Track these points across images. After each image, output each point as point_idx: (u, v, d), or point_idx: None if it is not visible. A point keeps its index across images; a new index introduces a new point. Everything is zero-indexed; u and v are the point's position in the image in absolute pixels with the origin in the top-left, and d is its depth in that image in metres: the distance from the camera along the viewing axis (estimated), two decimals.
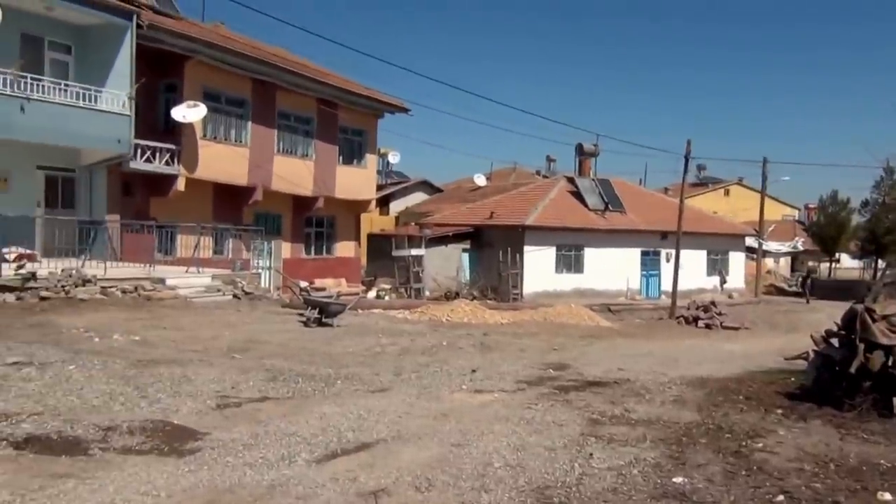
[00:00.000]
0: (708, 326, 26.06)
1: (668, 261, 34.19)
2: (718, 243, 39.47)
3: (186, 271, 19.08)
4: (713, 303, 28.54)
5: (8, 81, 17.55)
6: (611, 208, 35.45)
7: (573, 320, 22.45)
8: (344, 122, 28.25)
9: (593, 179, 37.33)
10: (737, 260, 41.04)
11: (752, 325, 27.10)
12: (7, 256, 15.99)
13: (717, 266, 39.45)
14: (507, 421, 7.32)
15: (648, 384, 9.66)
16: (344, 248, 30.09)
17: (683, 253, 31.29)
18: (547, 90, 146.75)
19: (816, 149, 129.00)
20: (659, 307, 31.65)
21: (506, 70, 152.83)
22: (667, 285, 33.07)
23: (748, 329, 25.72)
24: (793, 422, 7.37)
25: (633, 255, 35.48)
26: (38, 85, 18.32)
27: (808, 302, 38.09)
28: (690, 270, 34.63)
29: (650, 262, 36.24)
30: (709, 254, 38.90)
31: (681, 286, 30.55)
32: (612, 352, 14.72)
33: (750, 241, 43.22)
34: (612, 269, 33.91)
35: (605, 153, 70.77)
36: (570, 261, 33.39)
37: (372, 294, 28.80)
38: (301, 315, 15.90)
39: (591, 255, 33.80)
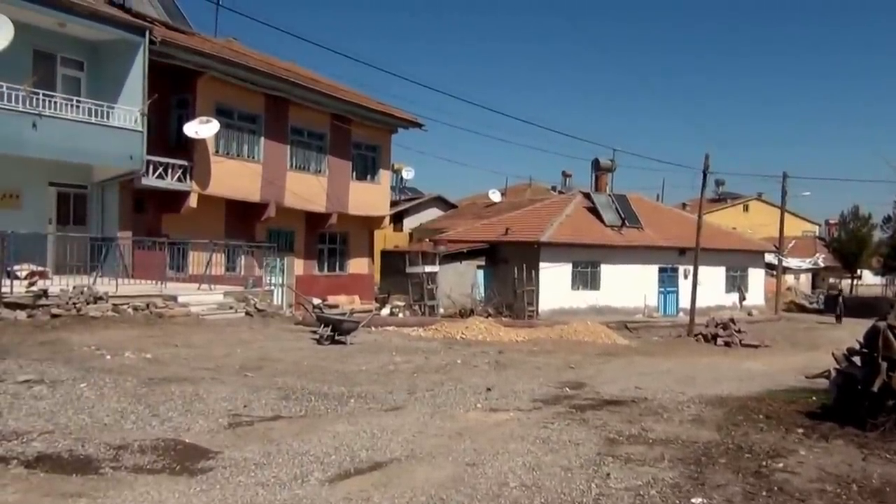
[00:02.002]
0: (727, 344, 25.71)
1: (685, 277, 33.90)
2: (737, 259, 39.20)
3: (198, 288, 19.06)
4: (732, 320, 28.18)
5: (20, 98, 17.54)
6: (627, 224, 35.31)
7: (589, 338, 22.24)
8: (357, 138, 28.25)
9: (610, 195, 37.25)
10: (756, 276, 40.63)
11: (772, 342, 26.76)
12: (19, 273, 16.03)
13: (737, 283, 39.13)
14: (523, 440, 7.25)
15: (666, 403, 9.57)
16: (357, 265, 30.04)
17: (702, 269, 31.02)
18: (563, 104, 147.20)
19: (838, 164, 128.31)
20: (677, 324, 31.35)
21: (521, 84, 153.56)
22: (685, 302, 32.83)
23: (768, 347, 25.40)
24: (814, 441, 7.26)
25: (650, 272, 35.26)
26: (50, 101, 18.33)
27: (839, 321, 36.90)
28: (709, 287, 34.35)
29: (668, 279, 36.00)
30: (728, 270, 38.64)
31: (699, 303, 30.26)
32: (629, 370, 14.59)
33: (770, 258, 42.88)
34: (628, 285, 33.73)
35: (622, 169, 70.91)
36: (586, 277, 33.23)
37: (385, 311, 28.72)
38: (314, 332, 15.87)
39: (607, 271, 33.64)
